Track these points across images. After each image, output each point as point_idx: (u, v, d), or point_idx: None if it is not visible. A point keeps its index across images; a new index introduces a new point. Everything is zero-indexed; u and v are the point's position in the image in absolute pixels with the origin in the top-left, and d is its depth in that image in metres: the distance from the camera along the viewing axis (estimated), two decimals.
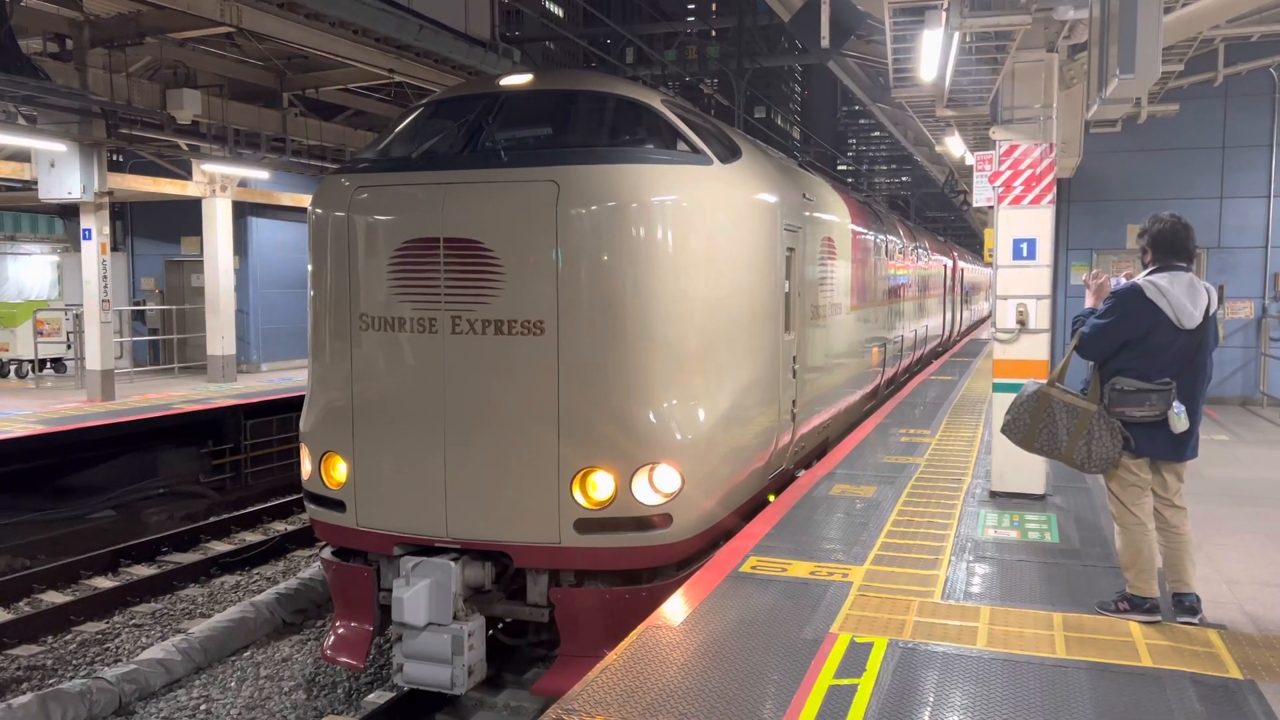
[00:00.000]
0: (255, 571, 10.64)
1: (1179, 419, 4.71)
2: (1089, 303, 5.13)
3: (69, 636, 8.68)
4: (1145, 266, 4.97)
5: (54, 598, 9.52)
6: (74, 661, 8.15)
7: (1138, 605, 4.96)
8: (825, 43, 10.09)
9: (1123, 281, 5.04)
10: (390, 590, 6.05)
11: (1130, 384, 4.75)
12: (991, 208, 8.07)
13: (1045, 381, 5.06)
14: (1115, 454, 4.81)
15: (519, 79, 7.01)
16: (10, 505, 11.33)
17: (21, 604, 9.43)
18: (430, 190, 6.10)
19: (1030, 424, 4.98)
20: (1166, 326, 4.73)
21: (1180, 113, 12.78)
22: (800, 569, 5.87)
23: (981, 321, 41.22)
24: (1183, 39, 9.62)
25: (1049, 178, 7.40)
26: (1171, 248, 4.87)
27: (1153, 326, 4.73)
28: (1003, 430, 5.16)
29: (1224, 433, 11.36)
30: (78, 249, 15.12)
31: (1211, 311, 4.82)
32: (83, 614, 9.07)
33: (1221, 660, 4.48)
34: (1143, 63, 5.05)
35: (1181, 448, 4.85)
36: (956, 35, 6.51)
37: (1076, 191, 14.06)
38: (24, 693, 7.17)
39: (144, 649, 8.20)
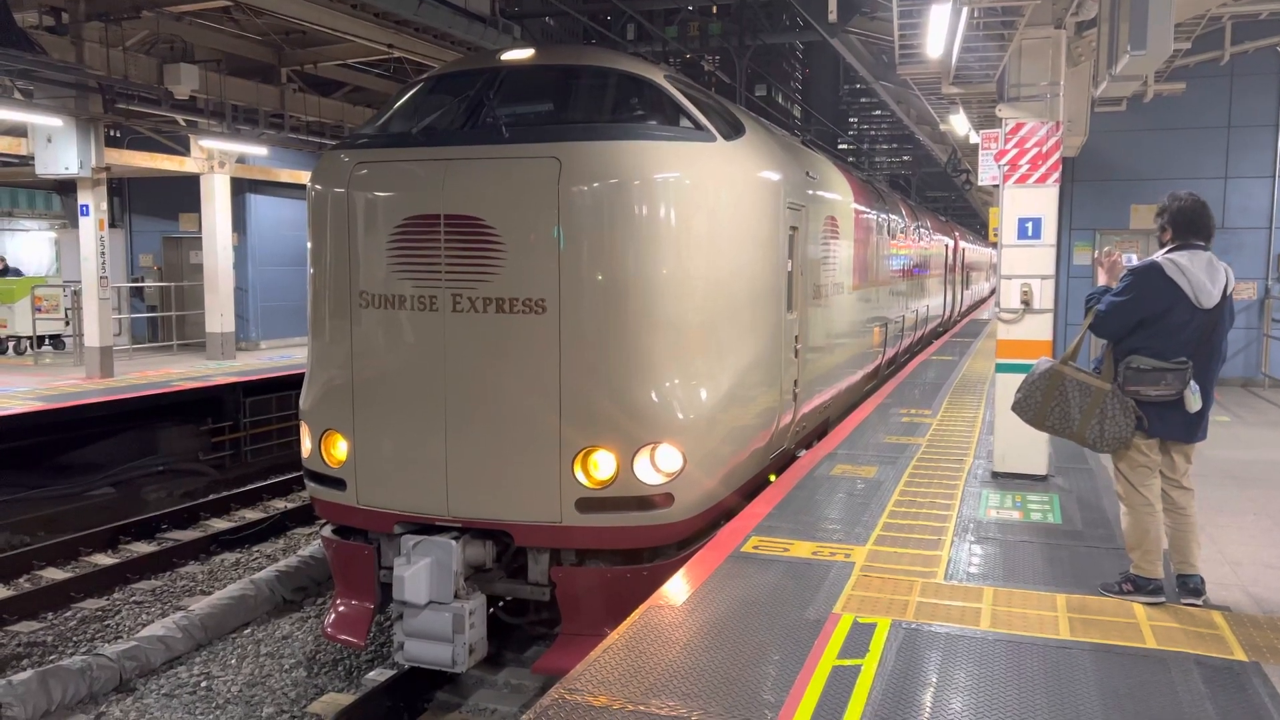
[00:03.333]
0: (255, 549, 10.64)
1: (1194, 398, 4.67)
2: (1101, 280, 5.07)
3: (69, 613, 8.68)
4: (1163, 245, 4.91)
5: (54, 574, 9.52)
6: (74, 638, 8.15)
7: (1141, 586, 4.94)
8: (833, 17, 9.99)
9: (1134, 259, 4.99)
10: (391, 568, 6.04)
11: (1146, 363, 4.70)
12: (996, 187, 8.01)
13: (1058, 360, 5.01)
14: (1128, 433, 4.77)
15: (520, 54, 6.93)
16: (10, 482, 11.32)
17: (22, 580, 9.43)
18: (431, 166, 6.03)
19: (1042, 402, 4.94)
20: (1184, 305, 4.68)
21: (1186, 92, 12.67)
22: (802, 549, 5.85)
23: (982, 301, 41.17)
24: (1191, 16, 9.53)
25: (1055, 156, 7.33)
26: (1191, 226, 4.81)
27: (1171, 305, 4.68)
28: (1013, 408, 5.11)
29: (1226, 414, 11.34)
30: (75, 225, 15.03)
31: (1229, 291, 4.77)
32: (83, 591, 9.07)
33: (1226, 642, 4.47)
34: (1154, 39, 4.99)
35: (1193, 429, 4.82)
36: (965, 10, 6.44)
37: (1080, 171, 13.95)
38: (24, 669, 7.18)
39: (144, 626, 8.20)
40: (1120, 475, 4.96)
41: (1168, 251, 4.82)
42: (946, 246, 23.79)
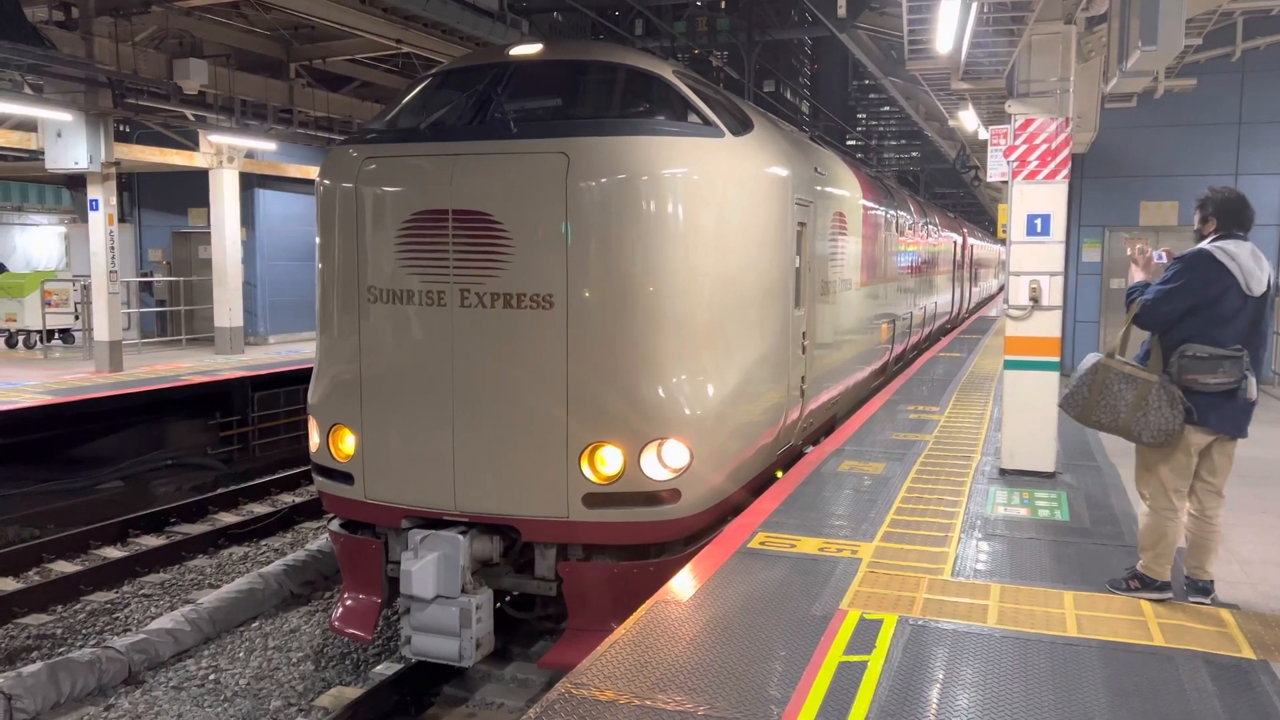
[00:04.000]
0: (263, 543, 10.68)
1: (1253, 385, 4.60)
2: (1137, 276, 4.95)
3: (78, 606, 8.72)
4: (1203, 237, 4.83)
5: (63, 567, 9.57)
6: (83, 631, 8.19)
7: (1149, 584, 4.91)
8: (842, 12, 9.95)
9: (1163, 256, 4.90)
10: (398, 563, 6.05)
11: (1202, 350, 4.58)
12: (1005, 183, 7.98)
13: (1105, 354, 4.88)
14: (1175, 425, 4.62)
15: (528, 49, 6.93)
16: (19, 475, 11.37)
17: (31, 573, 9.48)
18: (439, 162, 6.04)
19: (1088, 397, 4.80)
20: (1236, 292, 4.60)
21: (1197, 87, 12.60)
22: (809, 545, 5.85)
23: (990, 298, 41.06)
24: (1202, 12, 9.48)
25: (1064, 152, 7.31)
26: (1236, 216, 4.78)
27: (1223, 291, 4.60)
28: (1061, 405, 4.97)
29: None
30: (85, 220, 15.09)
31: (1273, 279, 4.71)
32: (92, 584, 9.12)
33: (1234, 640, 4.45)
34: (1165, 34, 4.96)
35: (1243, 422, 4.72)
36: (974, 6, 6.42)
37: (1090, 167, 13.90)
38: (34, 661, 7.22)
39: (153, 619, 8.23)
40: (1151, 475, 4.82)
41: (1212, 240, 4.75)
42: (955, 243, 23.73)
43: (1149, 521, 4.85)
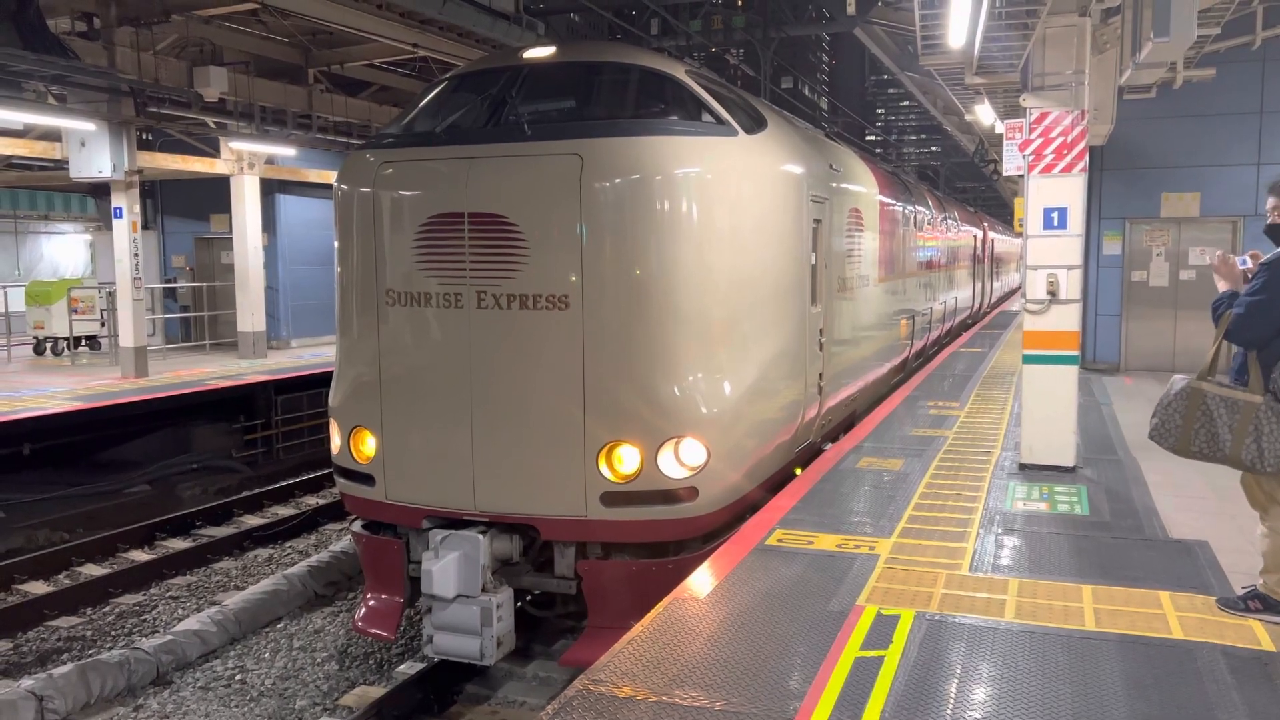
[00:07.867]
0: (287, 545, 10.79)
1: None
2: (1221, 287, 4.59)
3: (107, 608, 8.85)
4: (1278, 226, 4.48)
5: (92, 570, 9.71)
6: (112, 632, 8.32)
7: (1273, 606, 4.56)
8: (851, 9, 9.93)
9: (1247, 261, 4.58)
10: (420, 563, 6.12)
11: None
12: (1022, 176, 7.95)
13: (1195, 376, 4.47)
14: None
15: (542, 51, 6.97)
16: (49, 480, 11.54)
17: (61, 576, 9.63)
18: (454, 165, 6.09)
19: (1183, 425, 4.41)
20: None
21: (1217, 77, 12.46)
22: (827, 542, 5.86)
23: (1012, 293, 40.78)
24: (1220, 0, 9.39)
25: (1080, 145, 7.27)
26: None
27: None
28: (1152, 436, 4.56)
29: None
30: (109, 228, 15.28)
31: None
32: (120, 586, 9.25)
33: (1253, 632, 4.43)
34: (1178, 25, 4.94)
35: None
36: (985, 0, 6.39)
37: (1109, 159, 13.78)
38: (64, 663, 7.34)
39: (180, 620, 8.35)
40: (1265, 494, 4.52)
41: None
42: (975, 237, 23.60)
43: (1272, 541, 4.51)
